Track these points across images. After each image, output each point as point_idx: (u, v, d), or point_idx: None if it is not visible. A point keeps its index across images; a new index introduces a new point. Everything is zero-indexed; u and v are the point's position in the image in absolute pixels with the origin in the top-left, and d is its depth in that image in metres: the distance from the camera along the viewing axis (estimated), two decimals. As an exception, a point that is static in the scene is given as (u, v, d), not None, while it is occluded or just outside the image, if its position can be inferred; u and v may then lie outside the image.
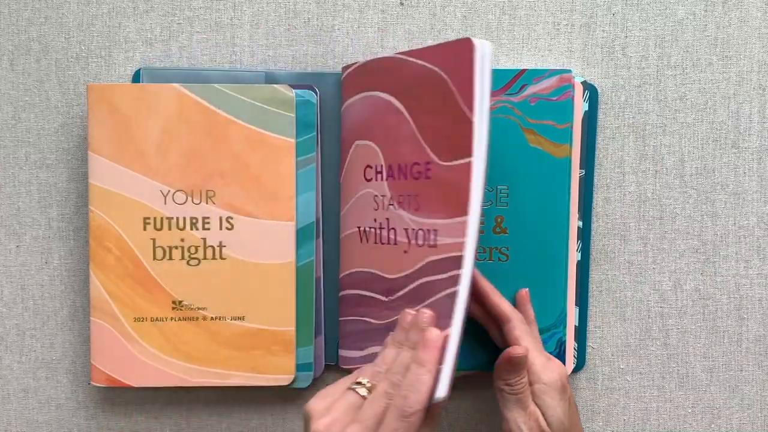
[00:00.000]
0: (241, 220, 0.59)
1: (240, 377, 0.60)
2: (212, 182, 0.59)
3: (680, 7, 0.60)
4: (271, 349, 0.59)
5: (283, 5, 0.61)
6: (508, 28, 0.61)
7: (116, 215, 0.59)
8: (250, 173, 0.59)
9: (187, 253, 0.59)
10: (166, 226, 0.59)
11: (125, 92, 0.58)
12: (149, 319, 0.59)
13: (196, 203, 0.59)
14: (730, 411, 0.63)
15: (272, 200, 0.59)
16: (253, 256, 0.59)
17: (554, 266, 0.58)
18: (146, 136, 0.59)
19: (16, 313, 0.64)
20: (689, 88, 0.61)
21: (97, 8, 0.62)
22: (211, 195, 0.59)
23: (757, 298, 0.62)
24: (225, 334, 0.59)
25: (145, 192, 0.59)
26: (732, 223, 0.61)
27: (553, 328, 0.59)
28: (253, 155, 0.59)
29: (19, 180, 0.63)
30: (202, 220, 0.59)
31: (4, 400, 0.64)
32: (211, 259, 0.59)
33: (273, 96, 0.59)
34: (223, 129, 0.59)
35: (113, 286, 0.59)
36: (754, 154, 0.61)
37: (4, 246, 0.63)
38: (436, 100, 0.53)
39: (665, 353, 0.62)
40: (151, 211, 0.59)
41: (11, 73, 0.62)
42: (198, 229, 0.59)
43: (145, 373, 0.60)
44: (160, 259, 0.59)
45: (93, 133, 0.59)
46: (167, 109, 0.58)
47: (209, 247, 0.59)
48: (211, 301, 0.59)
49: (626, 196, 0.61)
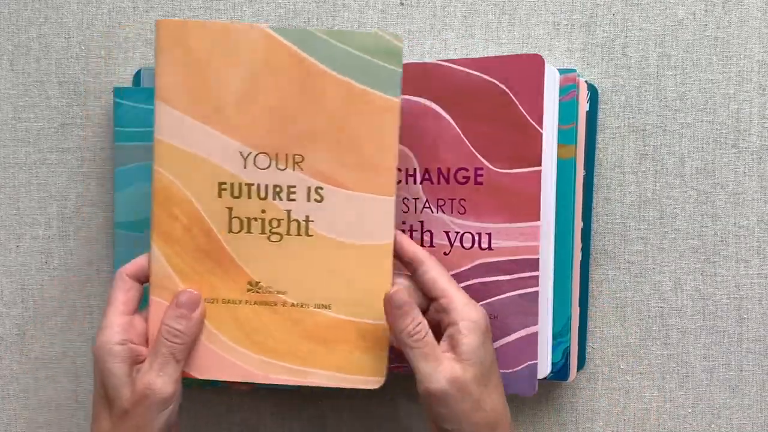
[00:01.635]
0: (332, 192, 0.51)
1: (321, 376, 0.51)
2: (300, 145, 0.50)
3: (680, 7, 0.60)
4: (360, 345, 0.51)
5: (283, 5, 0.61)
6: (508, 28, 0.61)
7: (186, 178, 0.50)
8: (346, 136, 0.50)
9: (268, 227, 0.51)
10: (245, 194, 0.51)
11: (202, 31, 0.50)
12: (221, 300, 0.51)
13: (281, 169, 0.50)
14: (730, 411, 0.63)
15: (370, 170, 0.50)
16: (344, 234, 0.51)
17: (560, 272, 0.58)
18: (225, 85, 0.50)
19: (16, 313, 0.64)
20: (689, 88, 0.61)
21: (97, 8, 0.62)
22: (299, 160, 0.50)
23: (757, 298, 0.62)
24: (307, 325, 0.51)
25: (221, 152, 0.50)
26: (732, 223, 0.61)
27: (559, 337, 0.58)
28: (350, 115, 0.50)
29: (19, 180, 0.63)
30: (287, 189, 0.51)
31: (4, 400, 0.64)
32: (295, 235, 0.51)
33: (378, 45, 0.50)
34: (316, 82, 0.50)
35: (179, 260, 0.51)
36: (754, 154, 0.61)
37: (4, 246, 0.63)
38: (490, 110, 0.55)
39: (665, 353, 0.62)
40: (227, 175, 0.50)
41: (11, 73, 0.62)
42: (282, 200, 0.51)
43: (212, 363, 0.51)
44: (237, 232, 0.51)
45: (162, 79, 0.50)
46: (252, 54, 0.50)
47: (294, 221, 0.51)
48: (293, 284, 0.51)
49: (626, 196, 0.61)
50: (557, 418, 0.63)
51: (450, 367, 0.48)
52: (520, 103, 0.55)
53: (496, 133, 0.55)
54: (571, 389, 0.63)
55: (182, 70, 0.50)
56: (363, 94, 0.50)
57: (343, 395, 0.63)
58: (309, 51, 0.50)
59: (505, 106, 0.55)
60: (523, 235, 0.56)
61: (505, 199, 0.56)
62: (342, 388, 0.52)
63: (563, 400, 0.63)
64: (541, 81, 0.54)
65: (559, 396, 0.63)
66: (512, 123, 0.55)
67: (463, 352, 0.49)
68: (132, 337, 0.50)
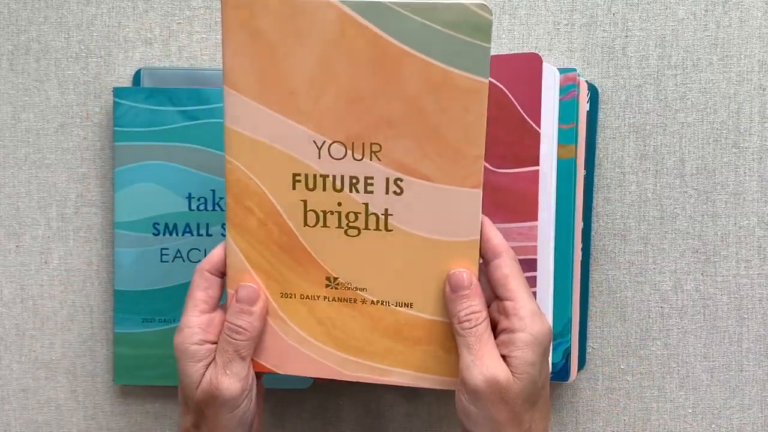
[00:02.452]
0: (412, 184, 0.47)
1: (402, 375, 0.49)
2: (378, 133, 0.46)
3: (680, 7, 0.60)
4: (442, 345, 0.48)
5: (283, 5, 0.61)
6: (508, 28, 0.61)
7: (259, 169, 0.47)
8: (428, 123, 0.46)
9: (344, 221, 0.48)
10: (320, 186, 0.47)
11: (270, 10, 0.45)
12: (298, 296, 0.49)
13: (358, 159, 0.47)
14: (731, 411, 0.62)
15: (455, 160, 0.46)
16: (427, 229, 0.47)
17: (560, 272, 0.58)
18: (296, 69, 0.46)
19: (16, 313, 0.64)
20: (689, 88, 0.61)
21: (97, 8, 0.62)
22: (376, 149, 0.46)
23: (758, 298, 0.62)
24: (387, 323, 0.48)
25: (294, 142, 0.47)
26: (732, 223, 0.61)
27: (560, 338, 0.58)
28: (432, 99, 0.45)
29: (18, 180, 0.63)
30: (364, 180, 0.47)
31: (4, 400, 0.64)
32: (374, 229, 0.47)
33: (464, 18, 0.44)
34: (393, 62, 0.45)
35: (256, 254, 0.48)
36: (754, 154, 0.61)
37: (4, 246, 0.63)
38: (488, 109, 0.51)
39: (665, 353, 0.62)
40: (302, 166, 0.47)
41: (11, 73, 0.62)
42: (359, 192, 0.47)
43: (293, 359, 0.49)
44: (313, 225, 0.48)
45: (228, 63, 0.46)
46: (324, 33, 0.45)
47: (372, 214, 0.47)
48: (373, 281, 0.48)
49: (626, 196, 0.61)
50: (557, 418, 0.63)
51: (492, 366, 0.45)
52: (518, 102, 0.55)
53: (494, 132, 0.55)
54: (571, 389, 0.63)
55: (251, 53, 0.46)
56: (446, 74, 0.45)
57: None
58: (384, 27, 0.44)
59: (503, 106, 0.55)
60: (522, 235, 0.55)
61: (503, 198, 0.56)
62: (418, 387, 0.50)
63: (563, 400, 0.63)
64: (539, 80, 0.54)
65: (559, 396, 0.63)
66: (510, 122, 0.55)
67: (515, 366, 0.45)
68: (210, 336, 0.48)
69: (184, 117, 0.60)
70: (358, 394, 0.63)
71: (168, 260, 0.61)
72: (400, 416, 0.63)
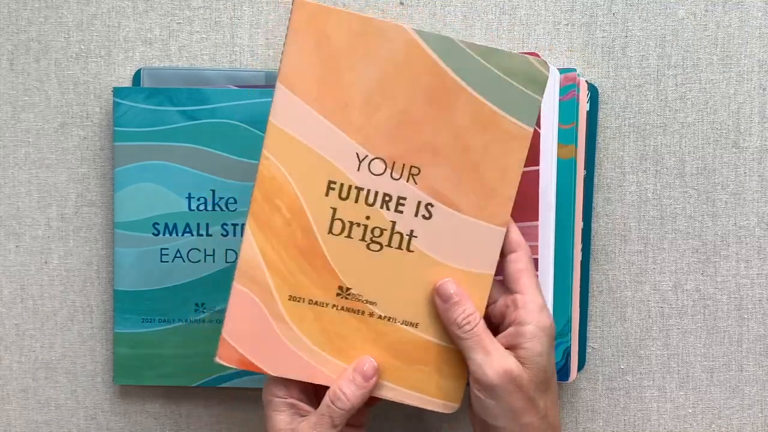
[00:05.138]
0: (442, 211, 0.48)
1: (396, 392, 0.50)
2: (420, 157, 0.48)
3: (680, 7, 0.60)
4: (441, 368, 0.50)
5: (283, 5, 0.61)
6: (508, 28, 0.61)
7: (296, 170, 0.48)
8: (470, 157, 0.48)
9: (369, 235, 0.49)
10: (353, 197, 0.48)
11: (343, 22, 0.47)
12: (307, 300, 0.49)
13: (395, 178, 0.48)
14: (731, 411, 0.63)
15: (487, 197, 0.48)
16: (446, 255, 0.49)
17: (560, 272, 0.58)
18: (356, 82, 0.47)
19: (16, 313, 0.64)
20: (689, 88, 0.61)
21: (97, 8, 0.62)
22: (415, 172, 0.48)
23: (758, 298, 0.62)
24: (391, 339, 0.50)
25: (337, 150, 0.48)
26: (732, 223, 0.61)
27: (560, 338, 0.57)
28: (478, 136, 0.48)
29: (18, 180, 0.63)
30: (396, 199, 0.48)
31: (4, 400, 0.64)
32: (395, 248, 0.49)
33: (523, 70, 0.47)
34: (449, 94, 0.47)
35: (273, 252, 0.49)
36: (754, 154, 0.61)
37: (4, 246, 0.63)
38: None
39: (665, 353, 0.62)
40: (339, 174, 0.48)
41: (11, 73, 0.62)
42: (389, 210, 0.48)
43: (289, 362, 0.49)
44: (337, 234, 0.49)
45: (289, 62, 0.47)
46: (390, 54, 0.47)
47: (397, 233, 0.49)
48: (384, 296, 0.49)
49: (626, 196, 0.61)
50: (557, 418, 0.63)
51: (503, 360, 0.47)
52: None
53: None
54: (571, 389, 0.63)
55: (314, 58, 0.47)
56: (496, 117, 0.48)
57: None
58: (447, 61, 0.47)
59: None
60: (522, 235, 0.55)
61: None
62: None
63: (564, 400, 0.63)
64: None
65: (559, 396, 0.63)
66: None
67: (524, 357, 0.48)
68: (294, 393, 0.50)
69: (184, 117, 0.60)
70: (358, 394, 0.63)
71: (168, 260, 0.61)
72: (400, 416, 0.63)
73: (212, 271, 0.60)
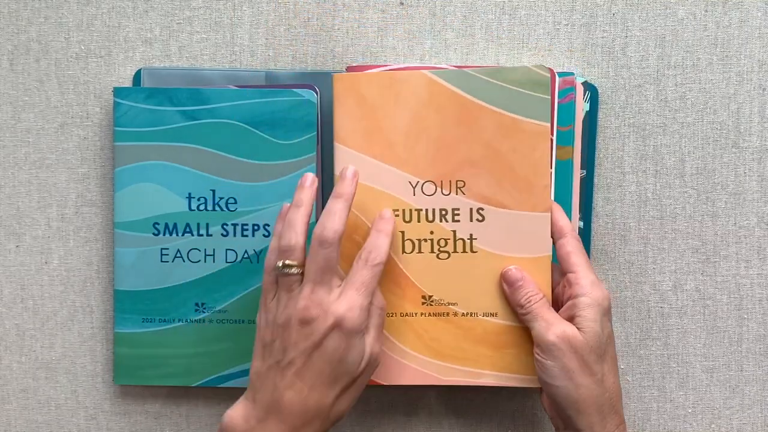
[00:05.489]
0: (492, 212, 0.56)
1: (492, 377, 0.57)
2: (462, 172, 0.56)
3: (680, 7, 0.60)
4: (525, 347, 0.56)
5: (283, 5, 0.61)
6: (508, 28, 0.61)
7: (365, 208, 0.56)
8: (503, 161, 0.55)
9: (436, 246, 0.56)
10: (415, 218, 0.56)
11: (373, 81, 0.56)
12: (398, 314, 0.57)
13: (446, 194, 0.56)
14: (731, 411, 0.63)
15: (526, 190, 0.55)
16: (506, 249, 0.56)
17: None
18: (395, 125, 0.56)
19: (16, 313, 0.64)
20: (689, 88, 0.61)
21: (97, 8, 0.62)
22: (461, 185, 0.56)
23: (758, 298, 0.62)
24: (477, 331, 0.56)
25: (393, 183, 0.56)
26: (732, 223, 0.61)
27: None
28: (505, 142, 0.55)
29: (18, 180, 0.63)
30: (451, 211, 0.56)
31: (4, 400, 0.64)
32: (461, 252, 0.56)
33: (527, 78, 0.55)
34: (473, 115, 0.55)
35: None
36: (754, 154, 0.61)
37: (4, 246, 0.63)
38: None
39: (665, 353, 0.62)
40: (400, 203, 0.56)
41: (11, 73, 0.62)
42: (448, 221, 0.56)
43: (396, 370, 0.57)
44: (410, 252, 0.56)
45: (340, 124, 0.56)
46: (415, 96, 0.56)
47: (459, 239, 0.56)
48: (462, 296, 0.56)
49: (626, 196, 0.61)
50: (557, 418, 0.63)
51: (561, 325, 0.53)
52: None
53: None
54: (571, 389, 0.63)
55: (357, 116, 0.56)
56: (516, 122, 0.55)
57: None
58: (465, 89, 0.55)
59: None
60: None
61: None
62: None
63: (563, 400, 0.63)
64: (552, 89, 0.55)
65: (559, 396, 0.63)
66: None
67: (580, 324, 0.53)
68: None
69: (184, 117, 0.60)
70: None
71: (168, 260, 0.61)
72: (401, 416, 0.63)
73: (212, 271, 0.61)
